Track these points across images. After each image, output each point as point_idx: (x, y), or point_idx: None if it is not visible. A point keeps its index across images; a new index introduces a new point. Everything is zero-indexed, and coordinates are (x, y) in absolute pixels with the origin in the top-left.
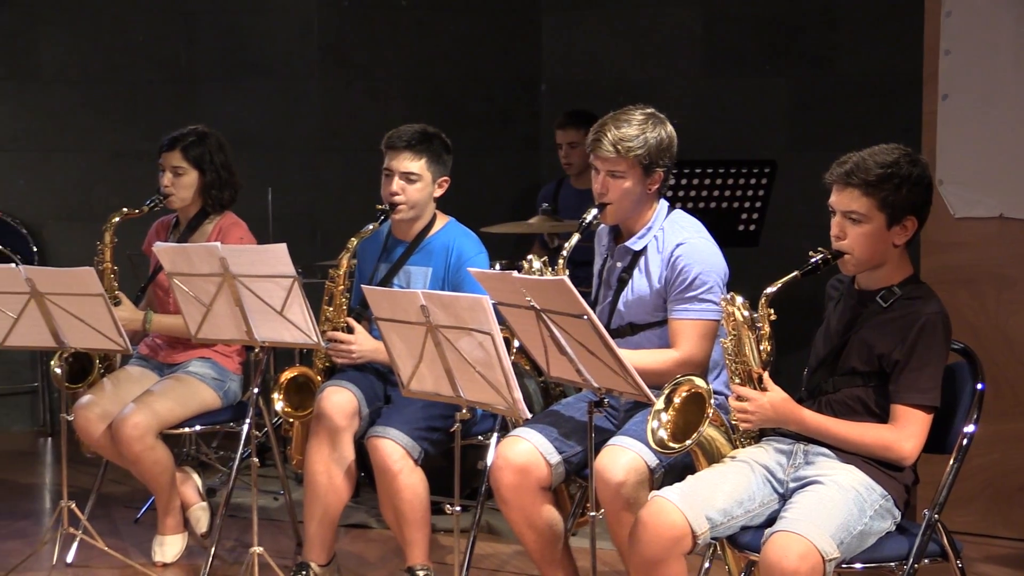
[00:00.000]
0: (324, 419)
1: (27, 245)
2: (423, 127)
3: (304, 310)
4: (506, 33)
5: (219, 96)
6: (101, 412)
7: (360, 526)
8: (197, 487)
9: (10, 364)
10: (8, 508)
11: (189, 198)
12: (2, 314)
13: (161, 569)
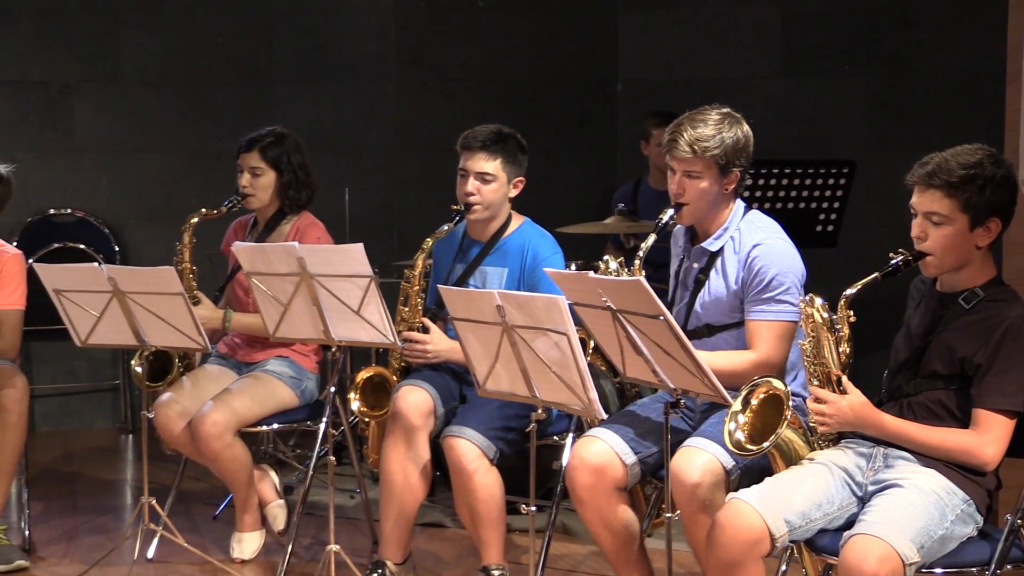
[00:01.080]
0: (400, 418)
1: (109, 245)
2: (498, 127)
3: (381, 310)
4: (582, 33)
5: (297, 97)
6: (181, 410)
7: (435, 525)
8: (274, 485)
9: (92, 362)
10: (91, 504)
11: (267, 198)
12: (85, 312)
13: (239, 566)
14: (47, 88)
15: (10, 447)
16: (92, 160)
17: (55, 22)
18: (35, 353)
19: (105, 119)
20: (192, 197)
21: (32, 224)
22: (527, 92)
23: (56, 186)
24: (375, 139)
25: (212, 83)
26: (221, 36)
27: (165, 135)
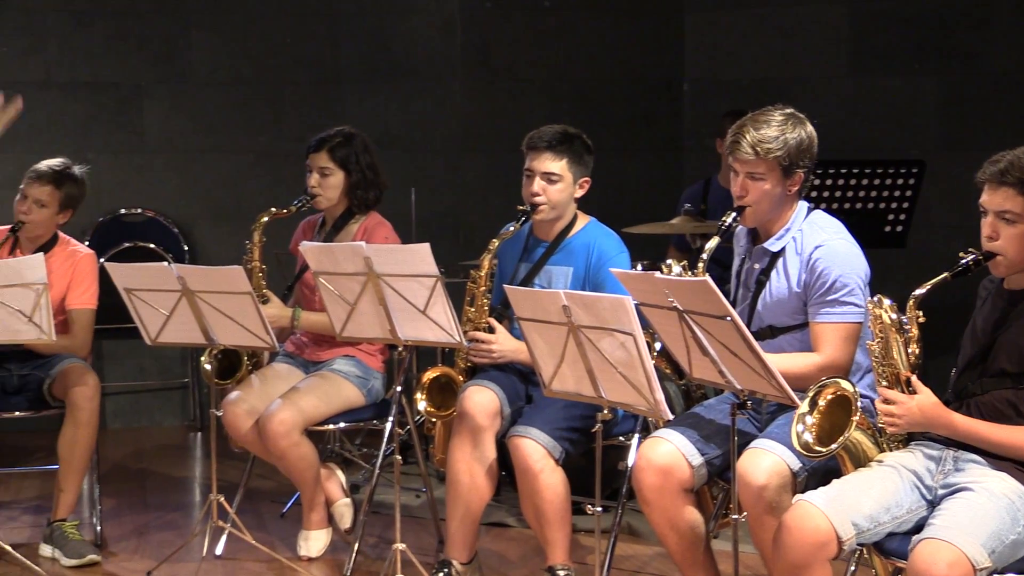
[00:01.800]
0: (466, 418)
1: (178, 244)
2: (564, 128)
3: (447, 309)
4: (648, 33)
5: (364, 97)
6: (249, 408)
7: (501, 525)
8: (341, 483)
9: (162, 360)
10: (160, 500)
11: (335, 198)
12: (155, 311)
13: (306, 563)
14: (119, 89)
15: (82, 444)
16: (162, 160)
17: (127, 24)
18: (106, 351)
19: (175, 120)
20: (261, 197)
21: (103, 224)
22: (593, 92)
23: (127, 186)
24: (442, 139)
25: (280, 83)
26: (289, 37)
27: (234, 135)
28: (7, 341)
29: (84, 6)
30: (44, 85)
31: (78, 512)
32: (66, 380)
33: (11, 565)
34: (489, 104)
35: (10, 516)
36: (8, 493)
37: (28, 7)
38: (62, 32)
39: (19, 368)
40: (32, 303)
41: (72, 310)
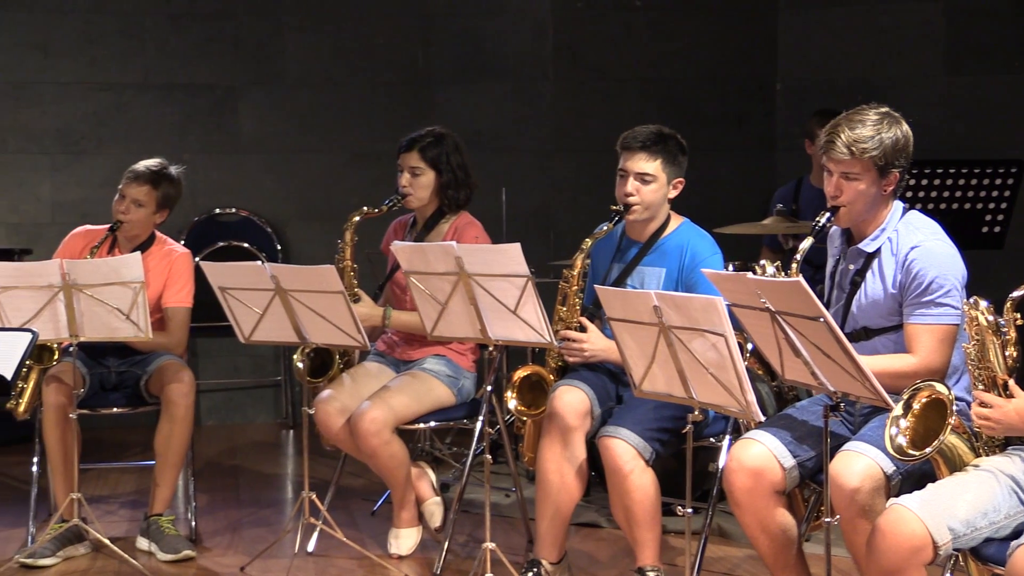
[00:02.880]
0: (556, 418)
1: (272, 243)
2: (659, 128)
3: (538, 309)
4: (741, 32)
5: (455, 97)
6: (340, 406)
7: (591, 525)
8: (431, 482)
9: (256, 358)
10: (253, 497)
11: (426, 198)
12: (249, 310)
13: (396, 561)
14: (213, 91)
15: (177, 440)
16: (256, 161)
17: (222, 27)
18: (201, 349)
19: (269, 120)
20: (352, 196)
21: (199, 223)
22: (685, 92)
23: (221, 186)
24: (533, 139)
25: (372, 84)
26: (381, 38)
27: (326, 136)
28: (105, 338)
29: (180, 9)
30: (142, 87)
31: (173, 507)
32: (162, 377)
33: (109, 558)
34: (580, 104)
35: (108, 510)
36: (106, 487)
37: (126, 11)
38: (159, 35)
39: (117, 365)
40: (130, 301)
41: (168, 308)
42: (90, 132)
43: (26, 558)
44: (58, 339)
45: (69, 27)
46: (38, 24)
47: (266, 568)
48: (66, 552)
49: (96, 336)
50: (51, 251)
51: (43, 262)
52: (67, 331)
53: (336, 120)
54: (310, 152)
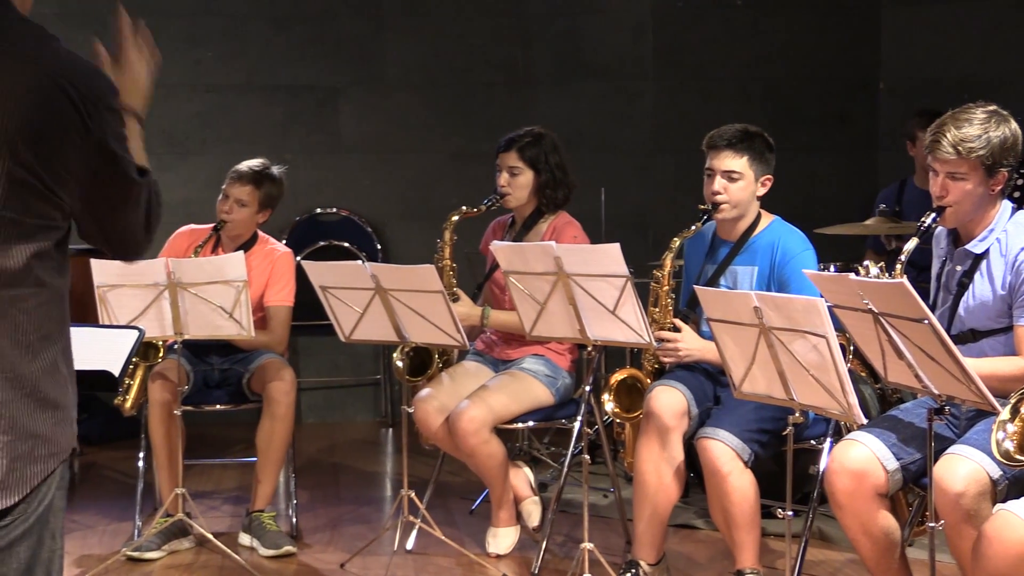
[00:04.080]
0: (654, 418)
1: (371, 243)
2: (744, 126)
3: (636, 309)
4: (843, 31)
5: (554, 97)
6: (439, 405)
7: (689, 526)
8: (529, 481)
9: (356, 357)
10: (353, 494)
11: (525, 198)
12: (349, 309)
13: (494, 560)
14: (315, 92)
15: (279, 437)
16: (356, 161)
17: (324, 28)
18: (302, 347)
19: (369, 121)
20: (452, 196)
21: (300, 223)
22: (786, 91)
23: (322, 186)
24: (631, 139)
25: (472, 84)
26: (480, 38)
27: (426, 136)
28: (209, 336)
29: (283, 11)
30: (245, 88)
31: (275, 504)
32: (264, 375)
33: (212, 553)
34: (680, 104)
35: (211, 506)
36: (209, 483)
37: (230, 13)
38: (262, 37)
39: (220, 363)
40: (232, 300)
41: (270, 307)
42: (195, 133)
43: (132, 551)
44: (163, 337)
45: (175, 29)
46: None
47: (365, 565)
48: (171, 546)
49: (200, 334)
50: (156, 250)
51: (149, 261)
52: (172, 329)
53: (436, 120)
54: (410, 152)
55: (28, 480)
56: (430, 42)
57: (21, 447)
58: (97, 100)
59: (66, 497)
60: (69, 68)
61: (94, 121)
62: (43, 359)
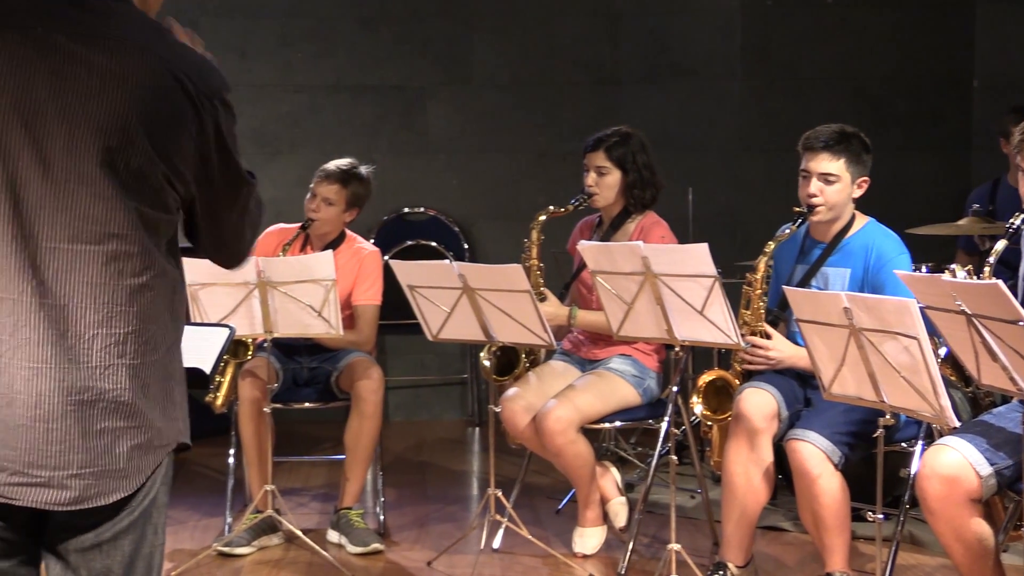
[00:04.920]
0: (743, 420)
1: (459, 242)
2: (841, 127)
3: (724, 310)
4: (935, 28)
5: (642, 97)
6: (526, 405)
7: (777, 529)
8: (616, 482)
9: (443, 356)
10: (440, 493)
11: (612, 197)
12: (437, 308)
13: (581, 560)
14: (403, 92)
15: (367, 435)
16: (444, 161)
17: (411, 29)
18: (389, 346)
19: (457, 121)
20: (539, 196)
21: (387, 222)
22: (877, 89)
23: (410, 186)
24: (720, 138)
25: (559, 84)
26: (568, 38)
27: (513, 136)
28: (297, 334)
29: (371, 12)
30: (334, 89)
31: (362, 501)
32: (352, 373)
33: (301, 549)
34: (769, 103)
35: (300, 502)
36: (298, 480)
37: (319, 14)
38: (351, 38)
39: (309, 361)
40: (321, 298)
41: (358, 306)
42: (284, 133)
43: (223, 546)
44: (253, 335)
45: (265, 31)
46: (237, 28)
47: (452, 564)
48: (260, 542)
49: (289, 332)
50: None
51: None
52: (262, 327)
53: (523, 120)
54: (497, 152)
55: (143, 470)
56: (518, 42)
57: (140, 436)
58: (212, 95)
59: (169, 494)
60: (185, 61)
61: (209, 115)
62: (160, 349)
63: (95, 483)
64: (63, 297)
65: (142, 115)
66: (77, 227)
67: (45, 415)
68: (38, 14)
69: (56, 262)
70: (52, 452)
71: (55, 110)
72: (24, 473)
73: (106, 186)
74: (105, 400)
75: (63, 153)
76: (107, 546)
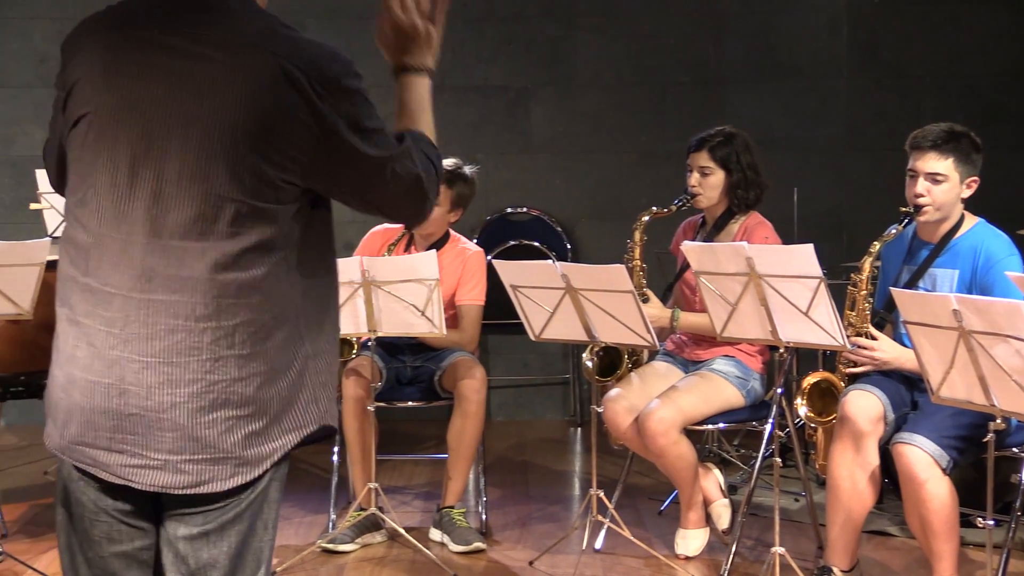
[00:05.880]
0: (848, 423)
1: (562, 242)
2: (950, 126)
3: (830, 311)
4: None
5: (746, 96)
6: (628, 405)
7: (883, 533)
8: (719, 483)
9: (545, 356)
10: (541, 492)
11: (716, 198)
12: (540, 308)
13: (683, 562)
14: (506, 92)
15: (469, 434)
16: (547, 160)
17: (515, 29)
18: (491, 346)
19: (560, 121)
20: (641, 196)
21: (490, 222)
22: (986, 87)
23: (513, 186)
24: (825, 138)
25: (663, 84)
26: (672, 37)
27: (616, 136)
28: (401, 334)
29: (476, 13)
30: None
31: (465, 500)
32: (455, 372)
33: (404, 547)
34: (875, 102)
35: (403, 501)
36: (401, 479)
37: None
38: (456, 38)
39: (412, 360)
40: (425, 298)
41: (461, 305)
42: None
43: (327, 543)
44: (358, 334)
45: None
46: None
47: (554, 563)
48: (364, 539)
49: (393, 331)
50: (351, 249)
51: (344, 259)
52: (366, 326)
53: (626, 120)
54: (600, 152)
55: (261, 459)
56: (621, 42)
57: (255, 424)
58: (329, 83)
59: (282, 491)
60: (299, 53)
61: (328, 104)
62: (276, 338)
63: (209, 468)
64: (172, 292)
65: (253, 110)
66: (186, 224)
67: (156, 406)
68: (157, 17)
69: (165, 258)
70: (167, 439)
71: (170, 110)
72: (142, 455)
73: (217, 182)
74: (215, 391)
75: (177, 152)
76: (214, 536)
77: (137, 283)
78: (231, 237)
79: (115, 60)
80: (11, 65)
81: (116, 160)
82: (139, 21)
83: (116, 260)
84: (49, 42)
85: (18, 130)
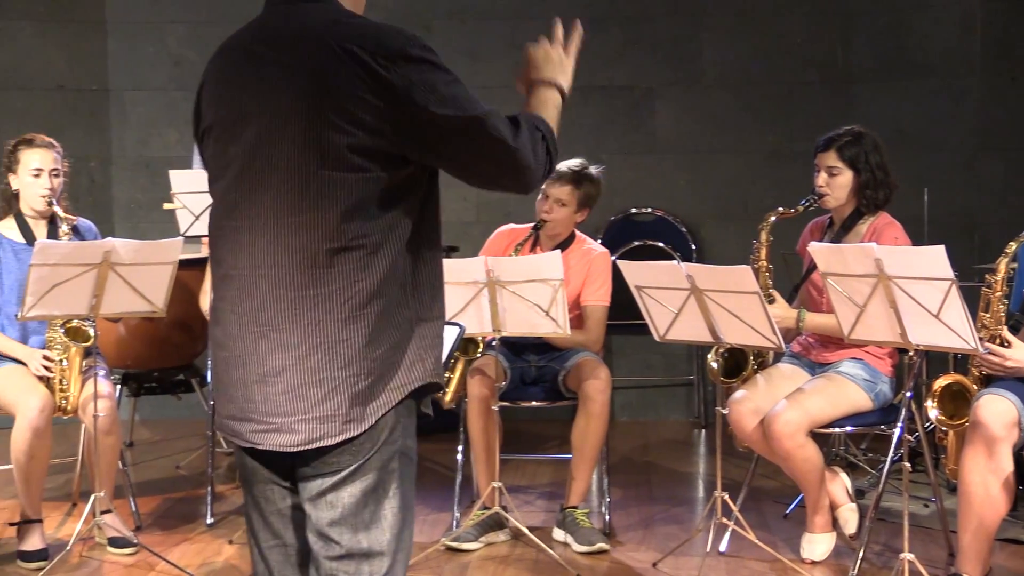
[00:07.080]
0: (981, 428)
1: (686, 243)
2: None
3: (962, 314)
4: None
5: (876, 95)
6: (754, 407)
7: (1017, 542)
8: (846, 487)
9: (669, 357)
10: (666, 494)
11: (843, 198)
12: (664, 309)
13: (809, 566)
14: (632, 92)
15: (593, 435)
16: (672, 161)
17: (640, 28)
18: (616, 346)
19: (685, 121)
20: (767, 197)
21: (615, 223)
22: None
23: (638, 186)
24: (957, 138)
25: (790, 83)
26: (800, 37)
27: (742, 136)
28: (526, 333)
29: (601, 12)
30: None
31: (588, 500)
32: (580, 373)
33: (527, 546)
34: (1009, 101)
35: (526, 500)
36: (524, 478)
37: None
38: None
39: (537, 360)
40: (549, 298)
41: (586, 306)
42: None
43: (451, 541)
44: (482, 333)
45: (495, 33)
46: (468, 31)
47: (678, 566)
48: (487, 538)
49: (517, 331)
50: (476, 249)
51: (469, 259)
52: (491, 326)
53: (752, 120)
54: (726, 152)
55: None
56: (747, 40)
57: (360, 383)
58: (393, 56)
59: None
60: (359, 34)
61: (396, 75)
62: (375, 301)
63: (320, 427)
64: (273, 267)
65: (324, 93)
66: (280, 204)
67: (272, 370)
68: (253, 30)
69: (265, 236)
70: (280, 402)
71: (262, 108)
72: (264, 421)
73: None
74: (320, 352)
75: (268, 143)
76: (331, 495)
77: (248, 262)
78: (315, 211)
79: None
80: (146, 68)
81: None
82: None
83: (231, 246)
84: (183, 45)
85: (153, 132)
